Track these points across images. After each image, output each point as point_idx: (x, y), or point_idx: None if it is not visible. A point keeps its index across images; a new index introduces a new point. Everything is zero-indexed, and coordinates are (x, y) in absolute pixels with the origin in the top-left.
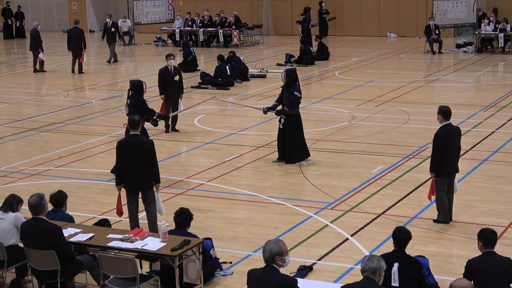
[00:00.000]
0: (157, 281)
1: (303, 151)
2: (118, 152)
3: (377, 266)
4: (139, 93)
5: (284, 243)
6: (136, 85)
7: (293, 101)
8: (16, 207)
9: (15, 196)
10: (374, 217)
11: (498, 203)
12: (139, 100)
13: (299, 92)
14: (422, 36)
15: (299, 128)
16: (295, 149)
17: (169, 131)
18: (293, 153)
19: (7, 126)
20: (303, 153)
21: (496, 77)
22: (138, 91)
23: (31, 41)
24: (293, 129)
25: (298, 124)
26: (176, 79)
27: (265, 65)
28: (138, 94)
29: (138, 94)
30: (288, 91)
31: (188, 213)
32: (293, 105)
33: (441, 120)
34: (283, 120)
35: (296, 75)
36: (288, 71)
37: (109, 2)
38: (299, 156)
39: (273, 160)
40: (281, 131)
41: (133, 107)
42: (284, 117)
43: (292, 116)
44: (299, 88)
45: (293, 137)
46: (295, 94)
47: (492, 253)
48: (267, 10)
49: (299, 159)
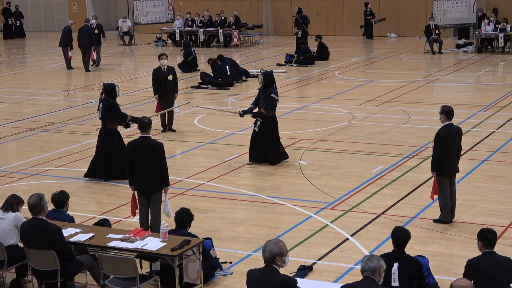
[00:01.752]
0: (157, 281)
1: (281, 152)
2: (128, 153)
3: (376, 265)
4: (112, 96)
5: (284, 243)
6: (108, 88)
7: (270, 103)
8: (16, 207)
9: (16, 196)
10: (374, 217)
11: (498, 203)
12: (111, 104)
13: (276, 94)
14: (422, 36)
15: (275, 130)
16: (273, 151)
17: (166, 131)
18: (271, 155)
19: (7, 126)
20: (281, 154)
21: (496, 77)
22: (111, 94)
23: (62, 38)
24: (269, 132)
25: (274, 127)
26: (170, 78)
27: (265, 65)
28: (110, 97)
29: (111, 98)
30: (265, 94)
31: (189, 213)
32: (270, 108)
33: (443, 120)
34: (259, 122)
35: (273, 78)
36: (265, 73)
37: (109, 2)
38: (277, 157)
39: (247, 162)
40: (256, 133)
41: (105, 110)
42: (260, 119)
43: (269, 118)
44: (276, 91)
45: (269, 139)
46: (272, 97)
47: (492, 253)
48: (267, 10)
49: (278, 161)
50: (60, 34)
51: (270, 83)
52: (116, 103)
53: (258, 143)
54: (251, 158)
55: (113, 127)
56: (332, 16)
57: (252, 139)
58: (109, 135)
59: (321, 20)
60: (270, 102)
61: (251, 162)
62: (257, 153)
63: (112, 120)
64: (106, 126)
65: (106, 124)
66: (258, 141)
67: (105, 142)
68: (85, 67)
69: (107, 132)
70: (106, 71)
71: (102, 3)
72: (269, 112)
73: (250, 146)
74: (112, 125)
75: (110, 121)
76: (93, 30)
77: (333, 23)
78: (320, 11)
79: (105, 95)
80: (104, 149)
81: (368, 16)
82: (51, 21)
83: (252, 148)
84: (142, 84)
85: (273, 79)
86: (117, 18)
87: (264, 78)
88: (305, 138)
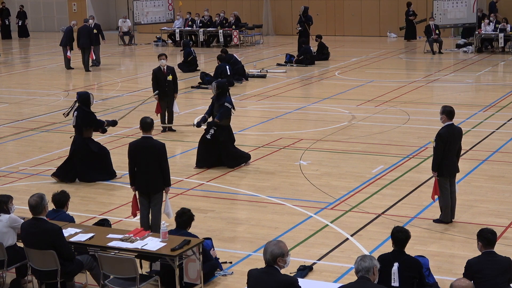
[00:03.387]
0: (157, 281)
1: (240, 156)
2: (129, 154)
3: (369, 265)
4: (86, 105)
5: (285, 244)
6: (82, 97)
7: (224, 112)
8: (6, 206)
9: (2, 195)
10: (374, 217)
11: (498, 203)
12: (86, 112)
13: (230, 103)
14: (422, 36)
15: (230, 139)
16: (229, 158)
17: (166, 131)
18: (228, 161)
19: (7, 126)
20: (241, 158)
21: (496, 77)
22: (85, 103)
23: (63, 38)
24: (223, 141)
25: (229, 135)
26: (169, 78)
27: (265, 65)
28: (85, 106)
29: (85, 106)
30: (219, 103)
31: (190, 213)
32: (224, 117)
33: (444, 120)
34: (212, 131)
35: (226, 87)
36: (219, 82)
37: (109, 2)
38: (236, 162)
39: (193, 167)
40: (208, 141)
41: (81, 119)
42: (214, 127)
43: (223, 127)
44: (230, 100)
45: (224, 148)
46: (226, 106)
47: (492, 253)
48: (267, 10)
49: (237, 165)
50: (60, 34)
51: (224, 92)
52: (91, 111)
53: (210, 152)
54: (198, 165)
55: (88, 136)
56: (332, 16)
57: (200, 145)
58: (86, 143)
59: (321, 20)
60: (224, 111)
61: (197, 167)
62: (206, 160)
63: (88, 128)
64: (82, 135)
65: (81, 133)
66: (210, 150)
67: (82, 149)
68: (85, 67)
69: (83, 141)
70: (106, 71)
71: (102, 3)
72: (223, 121)
73: (198, 153)
74: (87, 133)
75: (86, 129)
76: (92, 30)
77: (333, 23)
78: (320, 11)
79: (79, 103)
80: (81, 155)
81: (410, 17)
82: (51, 21)
83: (201, 155)
84: (142, 84)
85: (226, 88)
86: (117, 18)
87: (217, 87)
88: (305, 138)
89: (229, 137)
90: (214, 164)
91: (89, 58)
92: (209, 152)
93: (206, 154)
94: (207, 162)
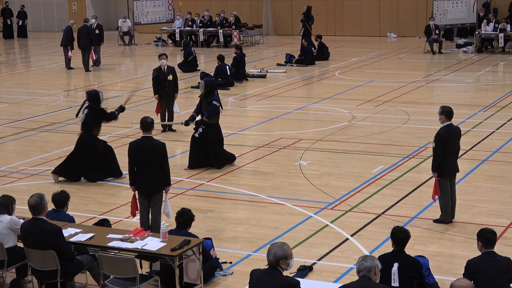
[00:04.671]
0: (157, 281)
1: (226, 157)
2: (129, 153)
3: (371, 265)
4: (96, 103)
5: (288, 246)
6: (92, 95)
7: (212, 111)
8: (11, 207)
9: (8, 196)
10: (374, 217)
11: (498, 203)
12: (97, 110)
13: (218, 101)
14: (422, 36)
15: (218, 138)
16: (215, 157)
17: (166, 131)
18: (214, 161)
19: (7, 126)
20: (226, 159)
21: (496, 77)
22: (95, 101)
23: (63, 38)
24: (212, 139)
25: (217, 134)
26: (170, 78)
27: (265, 65)
28: (95, 104)
29: (95, 104)
30: (207, 101)
31: (190, 214)
32: (212, 115)
33: (443, 120)
34: (200, 129)
35: (214, 86)
36: (207, 81)
37: (109, 2)
38: (221, 163)
39: (185, 168)
40: (196, 140)
41: (90, 117)
42: (203, 126)
43: (212, 126)
44: (217, 98)
45: (212, 147)
46: (214, 104)
47: (492, 253)
48: (267, 10)
49: (222, 165)
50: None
51: (212, 91)
52: (102, 108)
53: (198, 150)
54: (190, 165)
55: (96, 134)
56: (332, 16)
57: (192, 145)
58: (92, 141)
59: (321, 20)
60: (212, 110)
61: (188, 168)
62: (197, 160)
63: (97, 127)
64: (90, 133)
65: (89, 131)
66: (198, 148)
67: (87, 148)
68: (85, 67)
69: (90, 139)
70: (106, 71)
71: (102, 3)
72: (212, 119)
73: (190, 154)
74: (96, 132)
75: (95, 127)
76: (93, 30)
77: (333, 23)
78: (320, 11)
79: (89, 102)
80: (85, 153)
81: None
82: (51, 21)
83: (192, 156)
84: (142, 84)
85: (214, 87)
86: (117, 18)
87: (205, 85)
88: (305, 138)
89: (217, 136)
90: (204, 165)
91: (89, 58)
92: (200, 153)
93: (197, 155)
94: (198, 163)
